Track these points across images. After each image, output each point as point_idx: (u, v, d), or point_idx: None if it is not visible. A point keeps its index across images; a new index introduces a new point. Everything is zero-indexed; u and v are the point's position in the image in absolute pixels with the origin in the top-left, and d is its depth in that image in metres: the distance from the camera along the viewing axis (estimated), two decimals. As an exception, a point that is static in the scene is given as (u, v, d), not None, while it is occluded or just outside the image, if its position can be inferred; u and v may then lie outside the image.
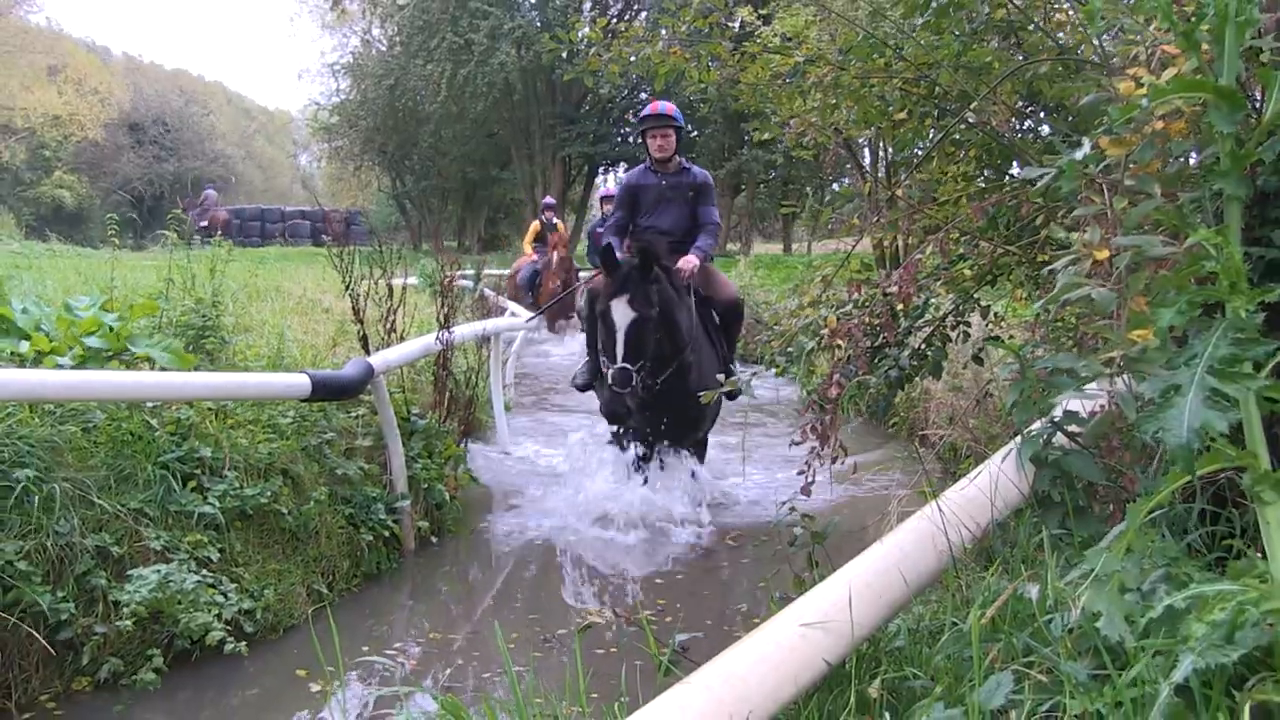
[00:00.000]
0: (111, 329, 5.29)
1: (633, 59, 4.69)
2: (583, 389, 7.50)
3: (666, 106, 7.06)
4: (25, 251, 18.74)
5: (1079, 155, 2.06)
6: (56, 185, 46.49)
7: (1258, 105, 2.49)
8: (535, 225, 17.86)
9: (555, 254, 15.60)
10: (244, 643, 4.15)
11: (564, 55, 21.48)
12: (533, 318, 11.63)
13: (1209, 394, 1.57)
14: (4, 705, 3.73)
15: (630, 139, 33.07)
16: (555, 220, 17.69)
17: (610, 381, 5.98)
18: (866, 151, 13.46)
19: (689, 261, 6.55)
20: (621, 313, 6.00)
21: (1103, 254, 2.13)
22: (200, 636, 4.04)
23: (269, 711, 3.82)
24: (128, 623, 3.91)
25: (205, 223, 26.89)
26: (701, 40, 4.64)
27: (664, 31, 4.84)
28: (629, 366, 5.89)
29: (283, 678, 4.03)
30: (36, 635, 3.77)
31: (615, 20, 30.71)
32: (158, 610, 4.02)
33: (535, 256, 16.46)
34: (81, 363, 4.94)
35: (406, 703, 3.56)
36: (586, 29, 5.62)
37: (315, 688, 3.87)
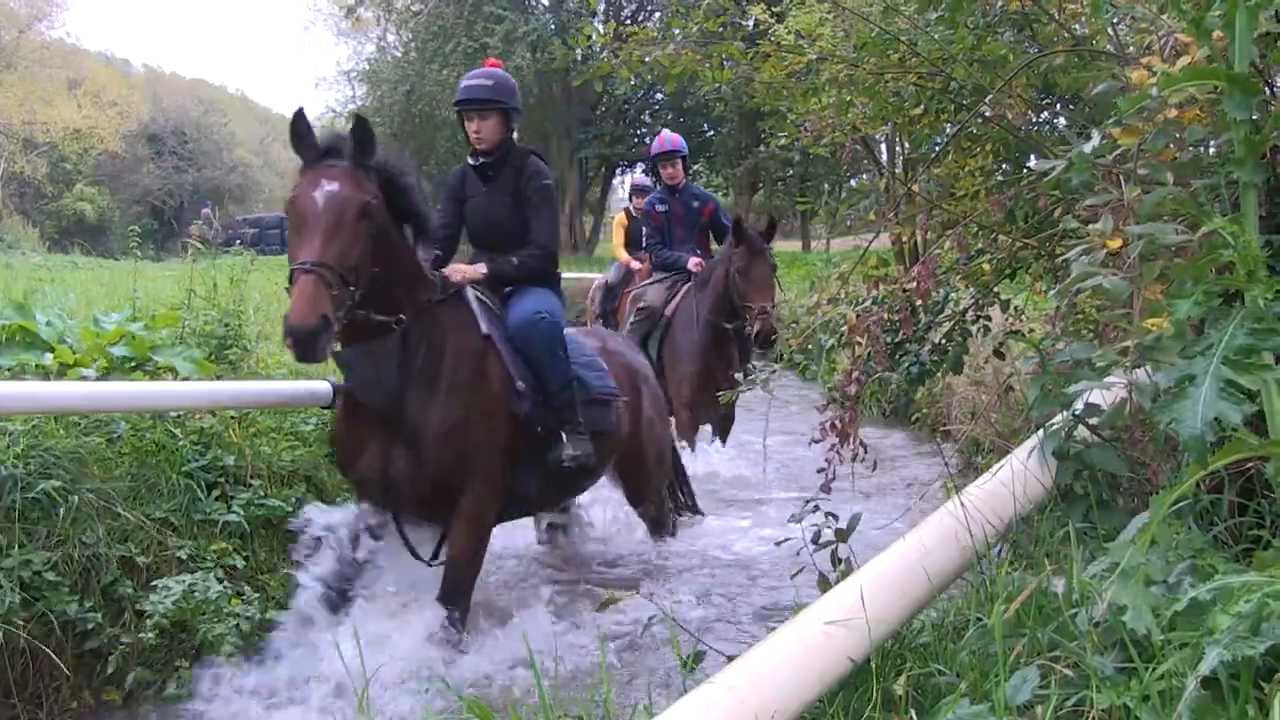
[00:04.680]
0: (135, 337, 5.32)
1: (645, 60, 4.69)
2: None
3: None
4: (48, 264, 18.91)
5: (1088, 147, 2.05)
6: (78, 198, 46.87)
7: (1276, 90, 2.47)
8: (621, 218, 11.24)
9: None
10: (269, 649, 4.17)
11: (578, 58, 21.57)
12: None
13: (1224, 385, 1.56)
14: (35, 714, 3.76)
15: (646, 139, 33.11)
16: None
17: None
18: (883, 147, 13.42)
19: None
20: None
21: (1115, 243, 2.12)
22: (220, 648, 4.07)
23: (293, 715, 3.84)
24: (150, 635, 3.94)
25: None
26: (714, 41, 4.64)
27: (676, 33, 4.84)
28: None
29: (307, 680, 4.05)
30: (65, 644, 3.80)
31: (628, 22, 30.74)
32: (183, 620, 4.05)
33: (634, 264, 9.83)
34: (106, 374, 4.98)
35: (431, 703, 3.57)
36: (598, 30, 5.63)
37: (341, 689, 3.88)
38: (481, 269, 4.70)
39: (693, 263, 8.08)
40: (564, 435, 4.62)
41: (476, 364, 4.40)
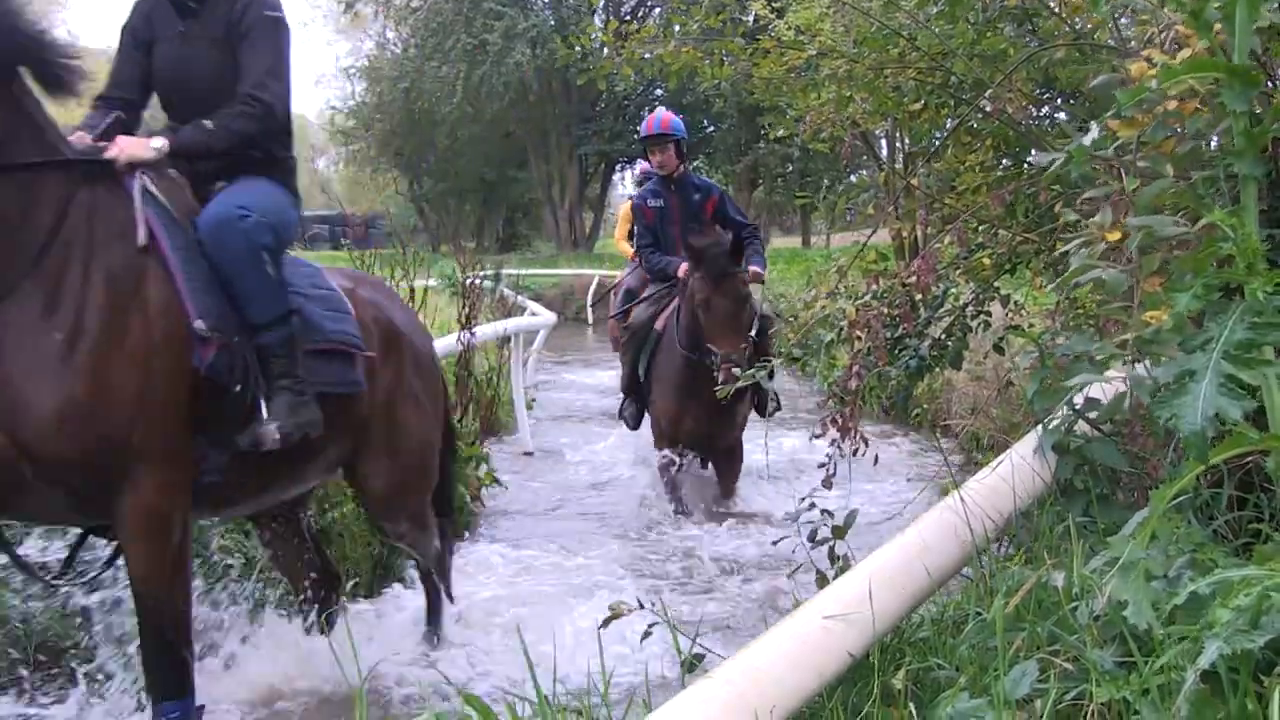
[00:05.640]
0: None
1: (645, 57, 4.68)
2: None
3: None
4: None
5: (1087, 139, 2.05)
6: (78, 196, 46.83)
7: (1276, 82, 2.47)
8: (627, 210, 10.48)
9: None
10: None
11: (579, 56, 21.61)
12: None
13: (1224, 380, 1.55)
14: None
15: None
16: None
17: None
18: (883, 142, 13.43)
19: None
20: None
21: (1114, 235, 2.12)
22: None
23: (293, 713, 3.84)
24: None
25: None
26: (715, 38, 4.63)
27: (676, 30, 4.84)
28: None
29: (307, 679, 4.05)
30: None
31: (628, 19, 30.70)
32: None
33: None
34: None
35: (430, 703, 3.57)
36: (600, 30, 5.63)
37: (339, 689, 3.88)
38: (158, 142, 3.16)
39: (683, 269, 6.68)
40: (265, 401, 3.17)
41: (124, 293, 2.92)
